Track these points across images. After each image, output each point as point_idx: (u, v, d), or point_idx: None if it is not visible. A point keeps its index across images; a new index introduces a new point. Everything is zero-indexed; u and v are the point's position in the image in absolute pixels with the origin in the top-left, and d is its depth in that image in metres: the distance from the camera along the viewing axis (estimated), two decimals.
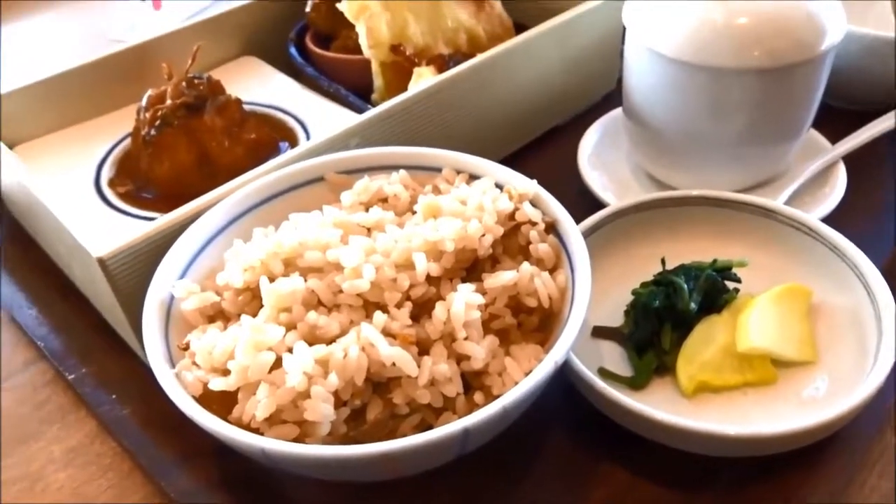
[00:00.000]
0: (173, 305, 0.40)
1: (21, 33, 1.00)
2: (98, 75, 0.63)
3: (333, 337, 0.36)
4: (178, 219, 0.45)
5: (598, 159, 0.61)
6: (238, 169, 0.55)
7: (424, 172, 0.48)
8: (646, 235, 0.51)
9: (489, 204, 0.42)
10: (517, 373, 0.37)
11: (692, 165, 0.56)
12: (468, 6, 0.66)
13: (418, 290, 0.38)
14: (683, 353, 0.44)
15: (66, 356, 0.50)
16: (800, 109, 0.53)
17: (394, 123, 0.54)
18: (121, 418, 0.45)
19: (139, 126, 0.56)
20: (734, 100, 0.51)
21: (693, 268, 0.47)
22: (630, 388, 0.44)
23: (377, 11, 0.60)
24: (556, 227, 0.43)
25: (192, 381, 0.36)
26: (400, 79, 0.62)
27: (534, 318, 0.41)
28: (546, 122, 0.68)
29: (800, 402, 0.42)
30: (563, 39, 0.64)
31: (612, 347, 0.47)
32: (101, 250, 0.42)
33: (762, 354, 0.43)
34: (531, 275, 0.40)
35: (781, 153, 0.56)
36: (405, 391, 0.36)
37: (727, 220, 0.51)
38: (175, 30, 0.67)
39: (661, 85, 0.53)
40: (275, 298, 0.37)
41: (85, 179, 0.57)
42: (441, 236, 0.39)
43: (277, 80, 0.68)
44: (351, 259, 0.38)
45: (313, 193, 0.48)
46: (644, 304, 0.45)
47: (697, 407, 0.43)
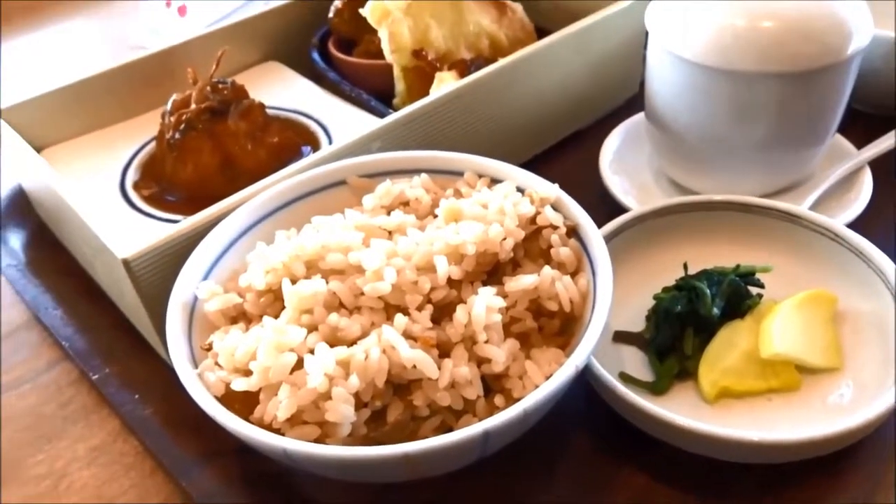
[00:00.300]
0: (196, 306, 0.41)
1: (47, 38, 1.02)
2: (124, 80, 0.64)
3: (354, 339, 0.37)
4: (202, 221, 0.45)
5: (619, 164, 0.61)
6: (261, 172, 0.56)
7: (446, 176, 0.48)
8: (667, 240, 0.51)
9: (510, 208, 0.42)
10: (538, 376, 0.37)
11: (715, 170, 0.56)
12: (490, 11, 0.66)
13: (439, 292, 0.39)
14: (706, 359, 0.43)
15: (90, 356, 0.50)
16: (825, 115, 0.53)
17: (415, 128, 0.55)
18: (143, 418, 0.46)
19: (164, 130, 0.57)
20: (758, 105, 0.51)
21: (716, 273, 0.46)
22: (651, 393, 0.43)
23: (399, 17, 0.60)
24: (577, 231, 0.43)
25: (215, 381, 0.36)
26: (422, 83, 0.63)
27: (555, 322, 0.40)
28: (568, 126, 0.68)
29: (824, 408, 0.42)
30: (585, 44, 0.64)
31: (633, 352, 0.46)
32: (126, 252, 0.43)
33: (786, 361, 0.42)
34: (552, 278, 0.39)
35: (806, 158, 0.55)
36: (426, 393, 0.36)
37: (750, 226, 0.51)
38: (200, 35, 0.67)
39: (683, 89, 0.53)
40: (297, 300, 0.37)
41: (110, 182, 0.58)
42: (462, 240, 0.39)
43: (300, 85, 0.68)
44: (372, 262, 0.38)
45: (335, 197, 0.48)
46: (666, 309, 0.45)
47: (719, 413, 0.42)
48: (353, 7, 0.68)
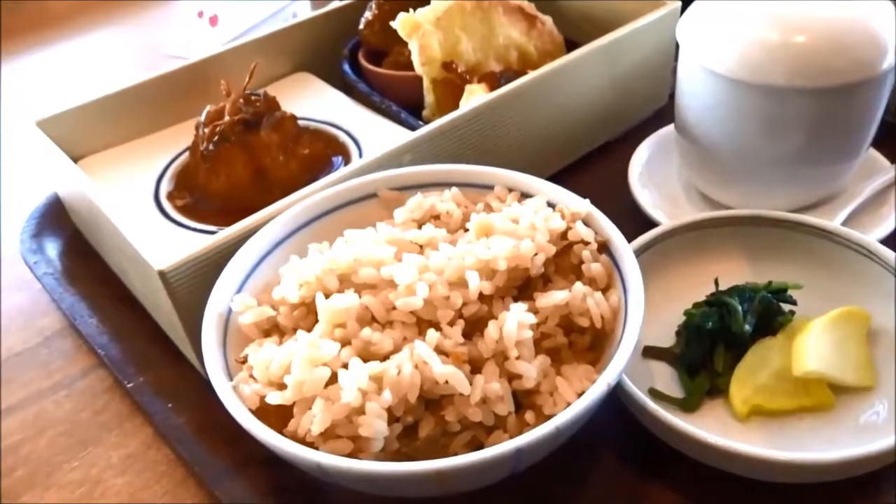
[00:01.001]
0: (231, 319, 0.41)
1: (83, 48, 1.04)
2: (158, 91, 0.65)
3: (387, 353, 0.37)
4: (236, 234, 0.46)
5: (649, 176, 0.61)
6: (292, 183, 0.57)
7: (476, 190, 0.48)
8: (698, 255, 0.51)
9: (541, 223, 0.42)
10: (569, 393, 0.37)
11: (746, 184, 0.56)
12: (519, 23, 0.66)
13: (471, 308, 0.39)
14: (737, 376, 0.43)
15: (124, 364, 0.51)
16: (858, 130, 0.52)
17: (445, 140, 0.55)
18: (176, 426, 0.47)
19: (198, 141, 0.58)
20: (790, 119, 0.50)
21: (747, 289, 0.46)
22: (681, 410, 0.43)
23: (429, 30, 0.61)
24: (608, 246, 0.43)
25: (250, 394, 0.36)
26: (451, 95, 0.63)
27: (586, 338, 0.41)
28: (597, 138, 0.68)
29: (858, 428, 0.42)
30: (614, 56, 0.64)
31: (662, 368, 0.46)
32: (163, 263, 0.44)
33: (819, 379, 0.42)
34: (583, 294, 0.40)
35: (838, 173, 0.55)
36: (457, 409, 0.36)
37: (782, 241, 0.50)
38: (232, 47, 0.68)
39: (715, 103, 0.53)
40: (330, 314, 0.38)
41: (145, 192, 0.59)
42: (494, 255, 0.40)
43: (331, 96, 0.69)
44: (405, 276, 0.38)
45: (367, 209, 0.49)
46: (697, 325, 0.45)
47: (751, 431, 0.42)
48: (383, 19, 0.69)
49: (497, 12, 0.64)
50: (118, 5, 1.13)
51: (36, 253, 0.61)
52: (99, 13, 1.12)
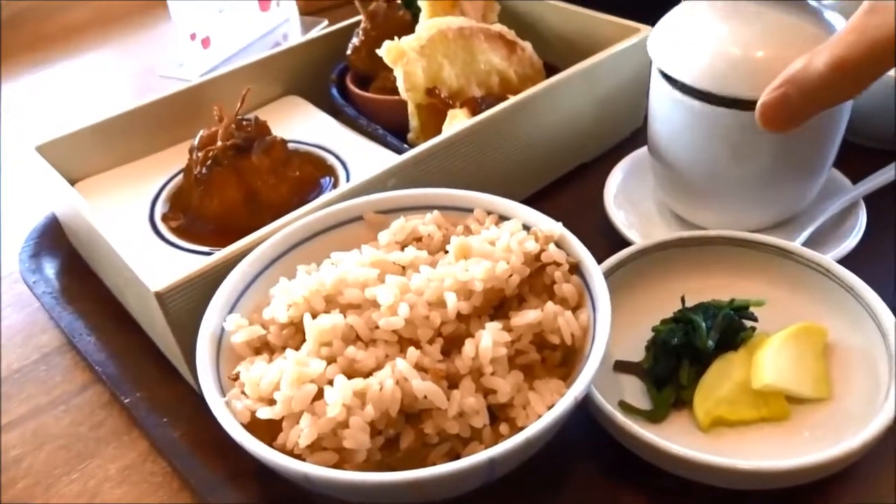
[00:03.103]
0: (223, 338, 0.44)
1: (79, 69, 1.07)
2: (153, 115, 0.67)
3: (370, 370, 0.39)
4: (229, 256, 0.48)
5: (624, 196, 0.64)
6: (283, 205, 0.60)
7: (457, 212, 0.51)
8: (668, 273, 0.54)
9: (516, 246, 0.44)
10: (540, 406, 0.40)
11: (715, 204, 0.58)
12: (500, 50, 0.69)
13: (449, 326, 0.41)
14: (700, 389, 0.46)
15: (121, 381, 0.53)
16: (821, 150, 0.55)
17: (428, 164, 0.58)
18: (171, 440, 0.49)
19: (191, 165, 0.61)
20: (756, 143, 0.53)
21: (712, 306, 0.49)
22: (649, 421, 0.46)
23: (413, 57, 0.63)
24: (579, 267, 0.46)
25: (242, 409, 0.39)
26: (435, 119, 0.66)
27: (557, 355, 0.43)
28: (575, 159, 0.71)
29: (812, 437, 0.44)
30: (593, 81, 0.67)
31: (632, 381, 0.49)
32: (159, 285, 0.46)
33: (776, 391, 0.45)
34: (555, 313, 0.42)
35: (803, 193, 0.58)
36: (436, 422, 0.39)
37: (747, 260, 0.53)
38: (225, 72, 0.71)
39: (683, 127, 0.55)
40: (317, 333, 0.40)
41: (140, 214, 0.61)
42: (471, 276, 0.42)
43: (319, 119, 0.72)
44: (387, 297, 0.41)
45: (353, 232, 0.51)
46: (663, 341, 0.47)
47: (713, 440, 0.45)
48: (369, 45, 0.71)
49: (478, 39, 0.67)
50: (114, 26, 1.15)
51: (35, 272, 0.64)
52: (95, 34, 1.14)
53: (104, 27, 1.16)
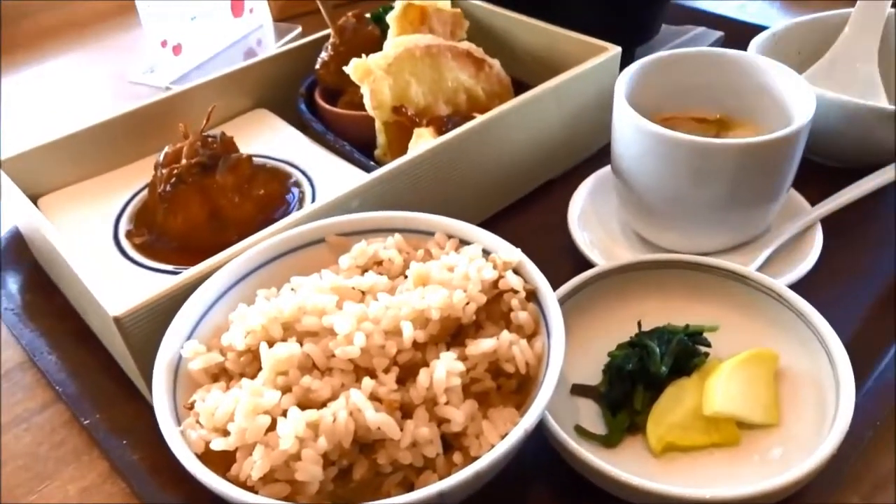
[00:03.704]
0: (181, 364, 0.44)
1: (47, 74, 1.06)
2: (118, 129, 0.67)
3: (326, 400, 0.40)
4: (189, 279, 0.49)
5: (590, 213, 0.65)
6: (247, 223, 0.60)
7: (418, 235, 0.52)
8: (627, 295, 0.55)
9: (474, 273, 0.45)
10: (493, 435, 0.40)
11: (676, 227, 0.59)
12: (468, 67, 0.69)
13: (405, 355, 0.42)
14: (654, 415, 0.47)
15: (81, 401, 0.53)
16: (778, 177, 0.56)
17: (393, 184, 0.58)
18: (130, 463, 0.49)
19: (156, 182, 0.60)
20: (714, 169, 0.54)
21: (667, 331, 0.50)
22: (603, 446, 0.47)
23: (380, 75, 0.64)
24: (536, 294, 0.46)
25: (196, 439, 0.39)
26: (402, 136, 0.66)
27: (512, 382, 0.44)
28: (543, 175, 0.72)
29: (761, 462, 0.45)
30: (560, 99, 0.68)
31: (589, 405, 0.50)
32: (118, 309, 0.46)
33: (727, 417, 0.46)
34: (510, 342, 0.43)
35: (761, 216, 0.59)
36: (389, 452, 0.39)
37: (703, 283, 0.54)
38: (193, 86, 0.71)
39: (644, 152, 0.56)
40: (273, 363, 0.41)
41: (104, 231, 0.61)
42: (427, 305, 0.43)
43: (287, 134, 0.72)
44: (343, 326, 0.41)
45: (315, 254, 0.52)
46: (618, 367, 0.48)
47: (665, 466, 0.46)
48: (338, 60, 0.72)
49: (446, 57, 0.67)
50: (84, 31, 1.14)
51: None
52: (64, 39, 1.13)
53: (74, 32, 1.15)
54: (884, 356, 0.53)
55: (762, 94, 0.61)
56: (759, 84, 0.61)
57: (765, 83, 0.60)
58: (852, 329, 0.55)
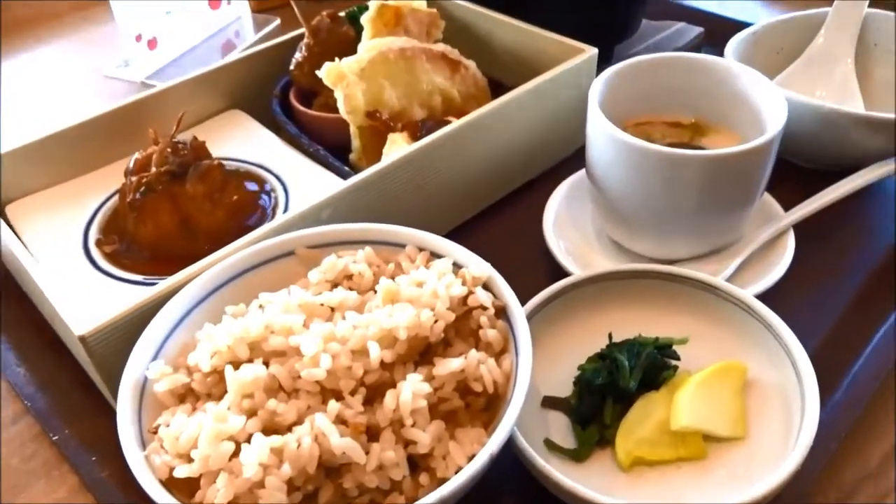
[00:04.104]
0: (147, 385, 0.44)
1: (22, 66, 1.04)
2: (89, 133, 0.66)
3: (291, 424, 0.40)
4: (157, 295, 0.48)
5: (563, 219, 0.64)
6: (219, 231, 0.59)
7: (389, 248, 0.51)
8: (599, 305, 0.55)
9: (443, 291, 0.45)
10: (460, 457, 0.40)
11: (649, 234, 0.59)
12: (443, 70, 0.69)
13: (372, 375, 0.42)
14: (622, 429, 0.47)
15: (50, 416, 0.53)
16: (750, 186, 0.56)
17: (365, 193, 0.58)
18: (100, 480, 0.49)
19: (125, 190, 0.60)
20: (685, 179, 0.54)
21: (637, 344, 0.50)
22: (572, 460, 0.47)
23: (353, 80, 0.63)
24: (505, 310, 0.46)
25: (160, 465, 0.39)
26: (377, 140, 0.66)
27: (480, 400, 0.44)
28: (519, 178, 0.72)
29: (728, 476, 0.46)
30: (537, 101, 0.67)
31: (560, 417, 0.50)
32: (83, 328, 0.46)
33: (695, 431, 0.46)
34: (477, 362, 0.43)
35: (735, 223, 0.59)
36: (355, 476, 0.39)
37: (675, 293, 0.54)
38: (165, 88, 0.70)
39: (616, 161, 0.56)
40: (238, 386, 0.40)
41: (73, 239, 0.60)
42: (395, 324, 0.42)
43: (261, 136, 0.71)
44: (310, 347, 0.41)
45: (285, 267, 0.51)
46: (588, 381, 0.48)
47: (633, 480, 0.46)
48: (312, 62, 0.71)
49: (421, 60, 0.67)
50: (58, 24, 1.12)
51: None
52: (37, 32, 1.11)
53: (47, 25, 1.13)
54: (852, 366, 0.53)
55: (736, 100, 0.60)
56: (733, 90, 0.60)
57: (738, 89, 0.60)
58: (822, 337, 0.56)
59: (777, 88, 0.57)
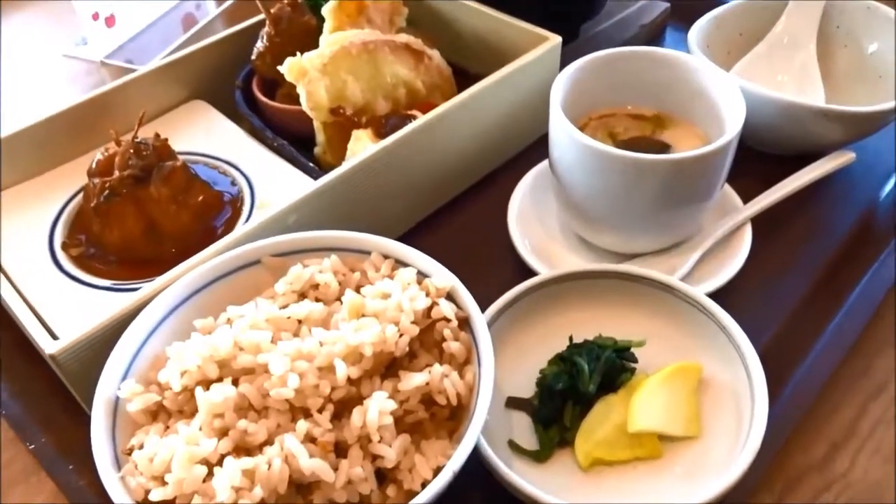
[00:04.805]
0: (119, 404, 0.45)
1: None
2: (51, 129, 0.66)
3: (261, 443, 0.41)
4: (125, 309, 0.49)
5: (527, 214, 0.65)
6: (184, 233, 0.60)
7: (355, 255, 0.52)
8: (561, 305, 0.56)
9: (407, 304, 0.46)
10: (425, 469, 0.42)
11: (611, 230, 0.60)
12: (407, 60, 0.68)
13: (339, 392, 0.43)
14: (582, 431, 0.49)
15: (27, 424, 0.54)
16: (708, 184, 0.57)
17: (332, 195, 0.58)
18: (77, 488, 0.50)
19: (89, 193, 0.59)
20: (645, 181, 0.55)
21: (596, 346, 0.51)
22: (535, 461, 0.49)
23: (316, 76, 0.63)
24: (468, 321, 0.48)
25: (135, 486, 0.40)
26: (342, 134, 0.66)
27: (445, 411, 0.45)
28: (483, 169, 0.72)
29: (683, 474, 0.48)
30: (501, 93, 0.67)
31: (523, 417, 0.52)
32: (53, 347, 0.46)
33: (651, 432, 0.48)
34: (441, 375, 0.44)
35: (694, 218, 0.60)
36: (324, 492, 0.41)
37: (635, 292, 0.56)
38: (125, 81, 0.69)
39: (578, 161, 0.57)
40: (208, 406, 0.42)
41: (38, 242, 0.60)
42: (361, 340, 0.44)
43: (224, 129, 0.71)
44: (278, 367, 0.42)
45: (252, 275, 0.52)
46: (549, 386, 0.50)
47: (593, 479, 0.48)
48: (274, 51, 0.70)
49: (384, 52, 0.66)
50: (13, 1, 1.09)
51: None
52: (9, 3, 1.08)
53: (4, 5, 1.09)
54: (802, 362, 0.55)
55: (696, 95, 0.61)
56: (694, 85, 0.61)
57: (699, 85, 0.61)
58: (775, 332, 0.58)
59: (736, 86, 0.58)
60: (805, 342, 0.57)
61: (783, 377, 0.54)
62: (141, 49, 0.98)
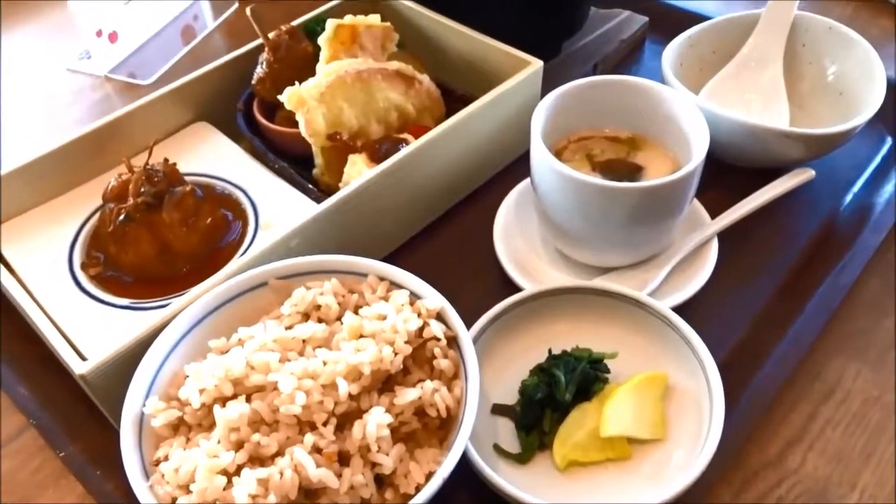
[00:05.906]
0: (144, 419, 0.50)
1: None
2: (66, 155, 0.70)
3: (273, 454, 0.47)
4: (147, 331, 0.54)
5: (512, 229, 0.70)
6: (195, 254, 0.65)
7: (353, 277, 0.57)
8: (543, 318, 0.61)
9: (401, 325, 0.51)
10: (419, 475, 0.48)
11: (588, 246, 0.65)
12: (398, 86, 0.73)
13: (341, 406, 0.49)
14: (559, 436, 0.55)
15: (54, 433, 0.58)
16: (676, 206, 0.62)
17: (331, 219, 0.63)
18: (106, 492, 0.55)
19: (105, 218, 0.64)
20: (617, 206, 0.60)
21: (573, 358, 0.57)
22: (517, 463, 0.55)
23: (314, 105, 0.67)
24: (456, 340, 0.53)
25: (163, 495, 0.46)
26: (339, 157, 0.70)
27: (436, 421, 0.51)
28: (470, 186, 0.77)
29: (650, 474, 0.54)
30: (488, 115, 0.72)
31: (507, 422, 0.57)
32: (83, 368, 0.52)
33: (620, 437, 0.54)
34: (432, 390, 0.50)
35: (665, 234, 0.65)
36: (330, 497, 0.46)
37: (609, 307, 0.61)
38: (134, 108, 0.73)
39: (557, 187, 0.62)
40: (225, 422, 0.47)
41: (59, 262, 0.65)
42: (360, 360, 0.49)
43: (227, 150, 0.75)
44: (286, 385, 0.48)
45: (259, 297, 0.57)
46: (529, 395, 0.56)
47: (569, 478, 0.54)
48: (273, 77, 0.74)
49: (376, 79, 0.71)
50: (17, 17, 1.12)
51: None
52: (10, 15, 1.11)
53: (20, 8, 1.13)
54: (763, 366, 0.61)
55: (667, 121, 0.66)
56: (665, 112, 0.66)
57: (669, 111, 0.66)
58: (739, 337, 0.63)
59: (701, 115, 0.63)
60: (765, 348, 0.62)
61: (745, 380, 0.59)
62: (142, 63, 1.01)
